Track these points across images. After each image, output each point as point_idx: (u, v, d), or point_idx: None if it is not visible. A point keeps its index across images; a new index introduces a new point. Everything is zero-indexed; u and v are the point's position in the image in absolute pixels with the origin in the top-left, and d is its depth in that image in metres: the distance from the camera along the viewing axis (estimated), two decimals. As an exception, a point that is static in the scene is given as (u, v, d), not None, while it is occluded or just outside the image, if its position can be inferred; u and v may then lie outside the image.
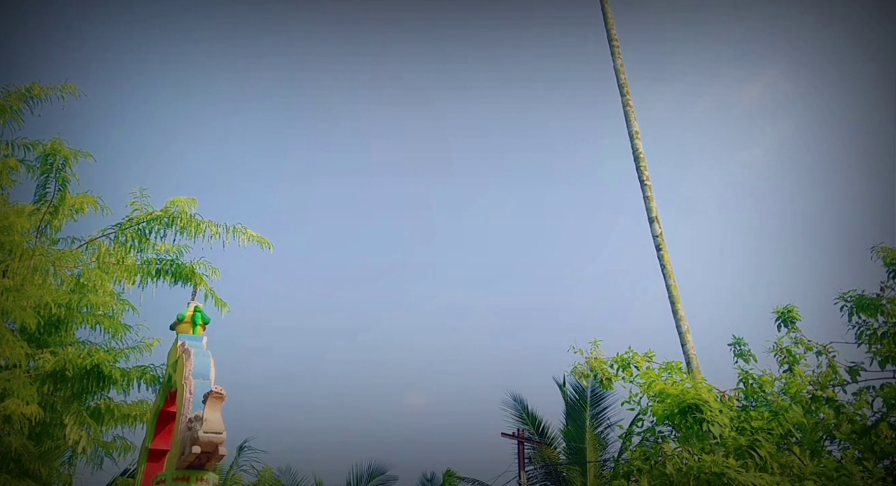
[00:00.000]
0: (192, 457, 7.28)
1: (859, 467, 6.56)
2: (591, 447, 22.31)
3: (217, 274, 11.67)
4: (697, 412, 7.17)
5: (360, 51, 64.22)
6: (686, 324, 9.40)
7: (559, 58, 63.22)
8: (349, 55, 64.29)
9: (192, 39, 65.41)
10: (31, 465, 9.67)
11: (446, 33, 69.13)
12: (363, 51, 66.22)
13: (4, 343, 9.04)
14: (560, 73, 65.27)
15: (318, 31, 70.42)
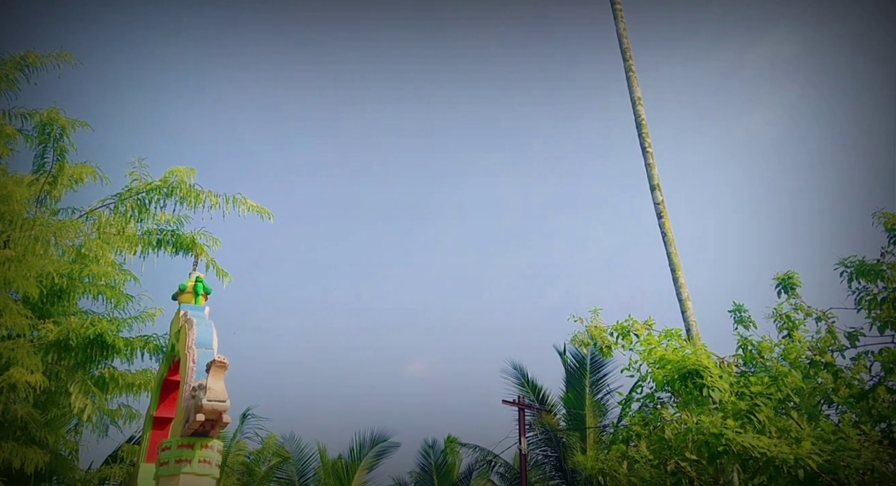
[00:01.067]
0: (196, 425, 7.37)
1: (856, 430, 6.64)
2: (590, 413, 22.58)
3: (218, 244, 11.69)
4: (697, 377, 7.23)
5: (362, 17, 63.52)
6: (686, 291, 9.42)
7: (561, 24, 62.46)
8: (352, 24, 63.57)
9: (193, 8, 64.54)
10: (38, 433, 9.78)
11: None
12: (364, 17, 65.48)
13: (7, 313, 9.07)
14: (563, 38, 64.52)
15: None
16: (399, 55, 70.53)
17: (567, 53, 63.48)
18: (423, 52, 70.67)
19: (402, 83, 70.15)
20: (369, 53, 66.52)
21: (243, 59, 62.80)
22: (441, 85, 69.83)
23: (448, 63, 69.15)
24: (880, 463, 6.14)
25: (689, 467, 7.89)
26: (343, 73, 67.59)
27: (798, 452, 6.11)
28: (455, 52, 67.38)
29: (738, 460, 6.53)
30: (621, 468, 8.07)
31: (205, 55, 62.22)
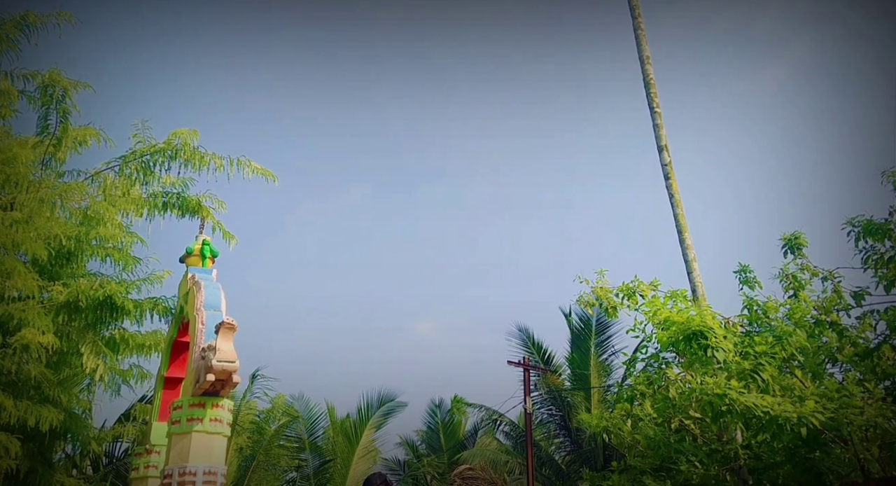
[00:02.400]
0: (206, 384, 7.49)
1: (860, 388, 6.68)
2: (595, 373, 22.81)
3: (224, 207, 11.70)
4: (702, 338, 7.25)
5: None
6: (693, 253, 9.37)
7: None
8: None
9: (190, -33, 63.36)
10: (51, 392, 9.95)
11: (450, -43, 66.67)
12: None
13: (17, 275, 9.15)
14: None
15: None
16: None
17: (574, 13, 62.31)
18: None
19: (406, 37, 69.12)
20: (377, 20, 65.48)
21: (247, 18, 61.90)
22: (448, 38, 68.79)
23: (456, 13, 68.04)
24: (883, 420, 6.19)
25: (692, 425, 7.98)
26: (348, 33, 66.56)
27: (801, 410, 6.16)
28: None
29: (742, 419, 6.60)
30: (625, 426, 8.16)
31: (207, 16, 61.34)
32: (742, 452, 7.36)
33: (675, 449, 7.52)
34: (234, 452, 19.65)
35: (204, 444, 7.54)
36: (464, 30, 71.04)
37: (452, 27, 70.31)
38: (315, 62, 72.40)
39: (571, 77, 72.05)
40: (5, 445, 8.86)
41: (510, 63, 70.91)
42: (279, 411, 22.62)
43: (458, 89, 72.50)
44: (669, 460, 7.43)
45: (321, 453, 24.26)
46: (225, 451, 7.90)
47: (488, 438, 26.35)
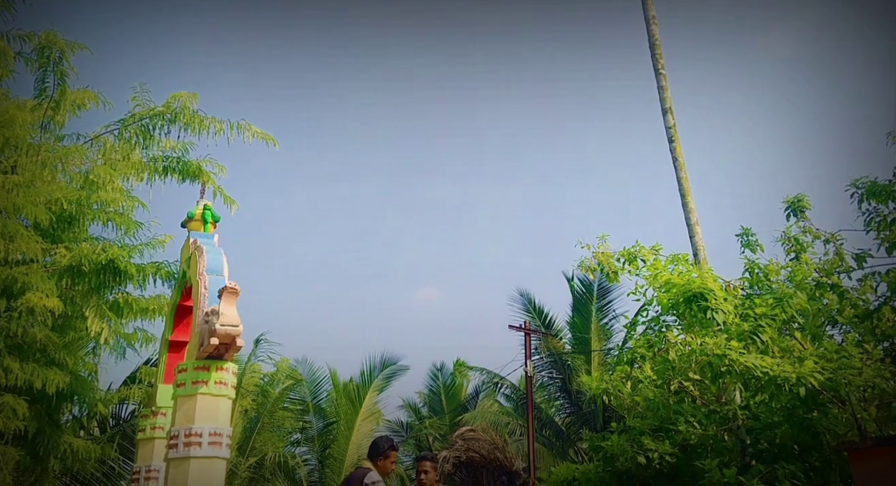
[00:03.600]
0: (210, 348, 7.57)
1: (859, 349, 6.72)
2: (595, 337, 23.00)
3: (224, 172, 11.66)
4: (702, 300, 7.27)
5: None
6: (695, 216, 9.32)
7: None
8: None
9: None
10: (57, 354, 10.05)
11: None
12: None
13: (19, 238, 9.16)
14: (572, -42, 61.89)
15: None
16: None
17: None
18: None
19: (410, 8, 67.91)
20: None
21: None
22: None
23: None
24: (881, 380, 6.25)
25: (692, 387, 8.06)
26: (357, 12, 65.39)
27: (800, 371, 6.21)
28: None
29: (741, 379, 6.66)
30: (625, 388, 8.24)
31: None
32: (740, 412, 7.44)
33: (674, 410, 7.61)
34: (239, 414, 19.95)
35: (209, 406, 7.65)
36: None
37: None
38: (316, 26, 71.37)
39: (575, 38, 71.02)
40: (13, 406, 8.99)
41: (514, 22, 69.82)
42: (283, 374, 22.89)
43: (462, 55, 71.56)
44: (668, 421, 7.52)
45: (325, 415, 24.62)
46: (230, 413, 8.01)
47: (489, 400, 26.71)
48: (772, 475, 6.44)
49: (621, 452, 7.19)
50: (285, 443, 22.66)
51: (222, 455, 7.57)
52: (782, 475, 6.34)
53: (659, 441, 7.12)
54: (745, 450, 7.32)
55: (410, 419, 27.97)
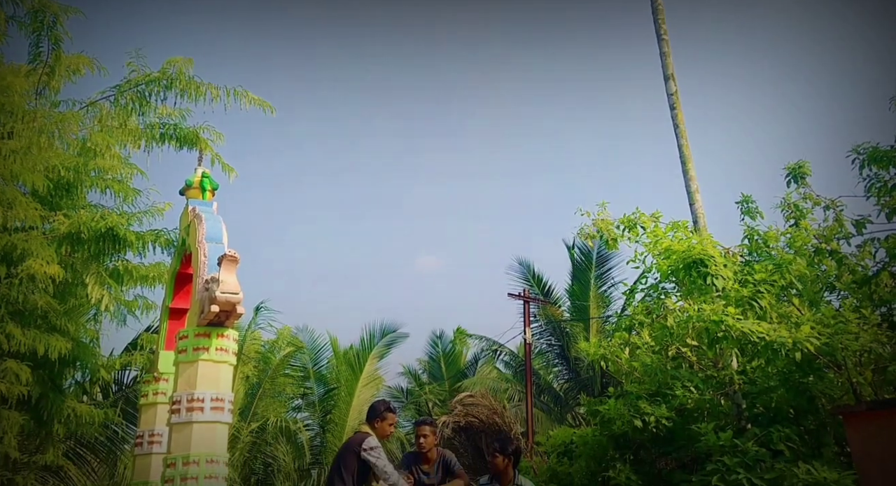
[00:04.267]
0: (211, 315, 7.60)
1: (856, 314, 6.76)
2: (594, 304, 23.14)
3: (221, 139, 11.60)
4: (702, 266, 7.28)
5: None
6: (696, 184, 9.27)
7: None
8: None
9: None
10: (58, 321, 10.10)
11: None
12: None
13: (18, 205, 9.14)
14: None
15: None
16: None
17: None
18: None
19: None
20: None
21: (238, -57, 59.66)
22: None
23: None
24: (877, 345, 6.31)
25: (689, 352, 8.13)
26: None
27: (796, 336, 6.26)
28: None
29: (737, 344, 6.71)
30: (623, 354, 8.30)
31: (197, -60, 59.08)
32: (737, 377, 7.52)
33: (671, 375, 7.68)
34: (241, 380, 20.16)
35: (211, 372, 7.72)
36: (465, -45, 68.47)
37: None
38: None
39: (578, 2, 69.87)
40: (16, 372, 9.07)
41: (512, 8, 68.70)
42: (284, 341, 23.06)
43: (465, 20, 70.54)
44: (665, 386, 7.60)
45: (326, 381, 24.89)
46: (231, 379, 8.09)
47: (488, 367, 26.99)
48: (767, 438, 6.53)
49: (618, 416, 7.28)
50: (287, 409, 22.95)
51: (224, 420, 7.66)
52: (777, 439, 6.43)
53: (656, 406, 7.20)
54: (740, 414, 7.41)
55: (410, 386, 28.29)
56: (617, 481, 6.85)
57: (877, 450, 5.21)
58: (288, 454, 20.57)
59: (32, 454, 11.34)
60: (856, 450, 5.41)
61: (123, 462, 14.90)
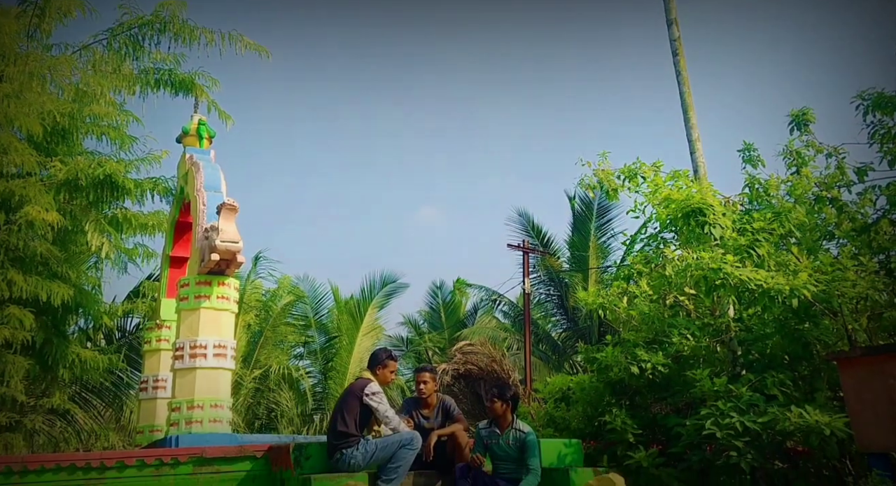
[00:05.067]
0: (211, 264, 7.64)
1: (854, 261, 6.77)
2: (593, 255, 23.23)
3: (217, 85, 11.47)
4: (700, 215, 7.26)
5: None
6: (697, 132, 9.15)
7: None
8: None
9: None
10: (59, 268, 10.16)
11: None
12: None
13: (13, 150, 9.09)
14: None
15: None
16: None
17: None
18: None
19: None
20: None
21: None
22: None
23: None
24: (874, 292, 6.33)
25: (687, 301, 8.18)
26: None
27: (793, 283, 6.28)
28: None
29: (734, 292, 6.74)
30: (621, 302, 8.34)
31: None
32: (733, 325, 7.58)
33: (669, 324, 7.75)
34: (243, 328, 20.39)
35: (212, 319, 7.81)
36: None
37: None
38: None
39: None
40: (19, 317, 9.17)
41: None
42: (284, 290, 23.25)
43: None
44: (662, 333, 7.67)
45: (327, 330, 25.19)
46: (233, 326, 8.19)
47: (487, 317, 27.28)
48: (761, 383, 6.62)
49: (615, 363, 7.36)
50: (289, 356, 23.32)
51: (227, 366, 7.80)
52: (771, 384, 6.52)
53: (652, 353, 7.28)
54: (735, 361, 7.50)
55: (410, 335, 28.65)
56: (613, 425, 6.98)
57: (869, 395, 5.29)
58: (291, 400, 20.99)
59: (39, 398, 11.58)
60: (849, 395, 5.50)
61: (129, 406, 15.22)
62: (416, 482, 5.92)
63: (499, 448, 6.01)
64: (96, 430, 14.18)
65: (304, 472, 5.40)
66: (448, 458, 6.00)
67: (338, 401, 5.82)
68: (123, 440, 14.83)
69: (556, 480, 6.18)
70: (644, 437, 7.08)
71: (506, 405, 6.07)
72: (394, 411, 5.77)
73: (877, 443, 5.22)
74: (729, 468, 6.29)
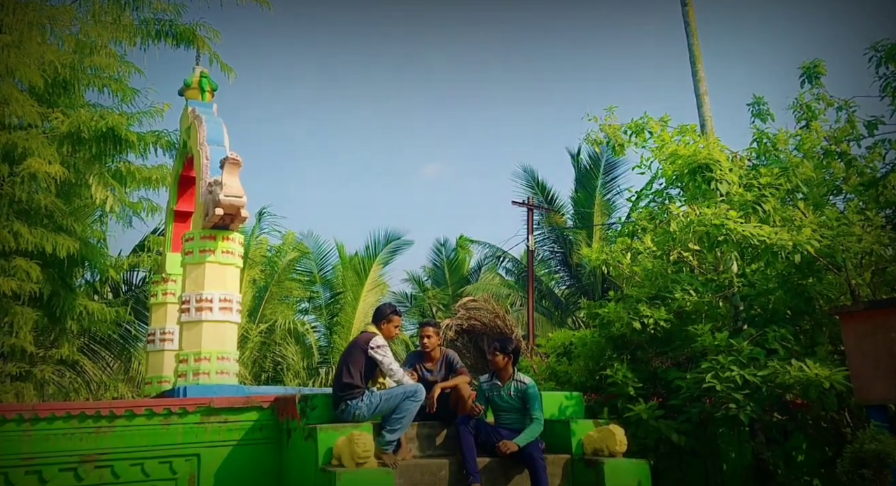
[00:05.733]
0: (216, 218, 7.63)
1: (860, 216, 6.71)
2: (598, 212, 23.18)
3: (219, 37, 11.31)
4: (707, 171, 7.19)
5: None
6: (704, 86, 8.97)
7: None
8: None
9: None
10: (64, 221, 10.18)
11: None
12: None
13: (15, 101, 9.01)
14: None
15: None
16: None
17: None
18: None
19: None
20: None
21: None
22: None
23: None
24: (879, 247, 6.29)
25: (691, 256, 8.17)
26: None
27: (797, 238, 6.25)
28: None
29: (737, 248, 6.72)
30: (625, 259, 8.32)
31: None
32: (736, 280, 7.56)
33: (672, 280, 7.73)
34: (248, 283, 20.54)
35: (218, 273, 7.85)
36: None
37: None
38: None
39: None
40: (25, 269, 9.24)
41: None
42: (289, 246, 23.34)
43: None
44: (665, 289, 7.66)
45: (332, 286, 25.38)
46: (238, 281, 8.24)
47: (491, 274, 27.41)
48: (762, 338, 6.64)
49: (617, 318, 7.38)
50: (294, 311, 23.53)
51: (233, 320, 7.87)
52: (772, 338, 6.54)
53: (655, 308, 7.29)
54: (737, 316, 7.51)
55: (414, 291, 28.85)
56: (614, 379, 7.04)
57: (870, 349, 5.31)
58: (296, 354, 21.27)
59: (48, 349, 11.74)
60: (850, 348, 5.52)
61: (137, 358, 15.45)
62: (419, 432, 6.04)
63: (500, 400, 6.10)
64: (105, 381, 14.43)
65: (310, 422, 5.49)
66: (451, 410, 6.10)
67: (343, 354, 5.89)
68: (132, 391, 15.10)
69: (557, 431, 6.29)
70: (644, 390, 7.16)
71: (507, 358, 6.14)
72: (398, 364, 5.84)
73: (876, 395, 5.28)
74: (728, 419, 6.36)
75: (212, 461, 5.74)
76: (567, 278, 24.60)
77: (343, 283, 24.75)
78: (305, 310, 25.27)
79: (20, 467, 5.14)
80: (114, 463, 5.44)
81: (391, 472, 4.98)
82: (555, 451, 6.12)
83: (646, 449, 6.68)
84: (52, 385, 12.90)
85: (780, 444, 7.11)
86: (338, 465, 5.04)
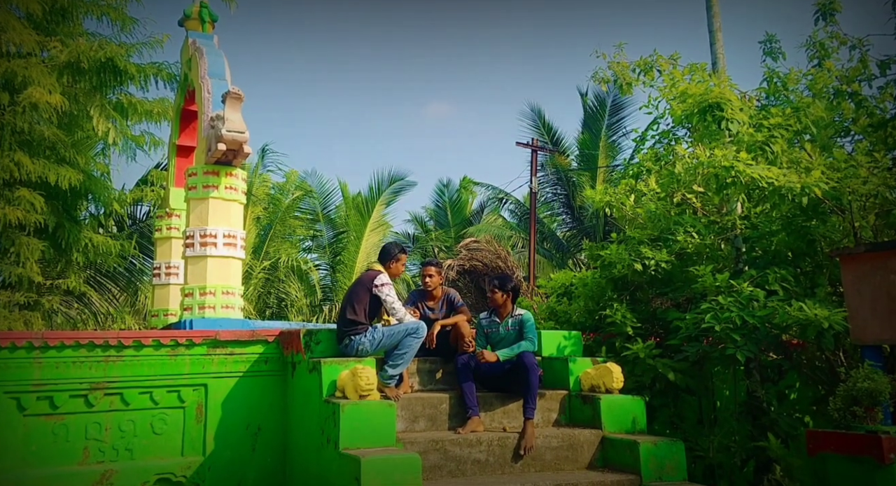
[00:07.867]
0: (218, 154, 7.58)
1: (868, 158, 6.63)
2: (603, 154, 23.00)
3: (218, -35, 10.93)
4: (717, 110, 7.05)
5: None
6: (719, 22, 8.70)
7: None
8: None
9: None
10: (67, 153, 10.13)
11: None
12: None
13: (12, 29, 8.84)
14: None
15: None
16: None
17: None
18: None
19: None
20: None
21: None
22: None
23: None
24: (885, 189, 6.24)
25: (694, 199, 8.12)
26: None
27: (805, 180, 6.18)
28: None
29: (745, 190, 6.67)
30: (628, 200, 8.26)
31: None
32: (740, 222, 7.54)
33: (674, 221, 7.69)
34: (252, 221, 20.60)
35: (221, 209, 7.85)
36: None
37: None
38: None
39: None
40: (30, 200, 9.25)
41: None
42: (293, 185, 23.30)
43: None
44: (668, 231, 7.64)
45: (335, 225, 25.45)
46: (242, 217, 8.24)
47: (494, 215, 27.44)
48: (763, 279, 6.67)
49: (619, 260, 7.39)
50: (297, 249, 23.68)
51: (237, 256, 7.91)
52: (773, 279, 6.55)
53: (657, 250, 7.28)
54: (739, 257, 7.51)
55: (417, 232, 28.95)
56: (612, 319, 7.10)
57: (869, 289, 5.34)
58: (300, 291, 21.51)
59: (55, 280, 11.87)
60: (848, 289, 5.55)
61: (143, 292, 15.65)
62: (420, 368, 6.18)
63: (498, 336, 6.19)
64: (112, 313, 14.66)
65: (315, 356, 5.59)
66: (451, 347, 6.21)
67: (348, 291, 5.94)
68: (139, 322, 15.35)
69: (555, 368, 6.40)
70: (643, 330, 7.23)
71: (506, 295, 6.20)
72: (401, 302, 5.91)
73: (871, 335, 5.34)
74: (724, 358, 6.45)
75: (219, 391, 5.87)
76: (569, 220, 24.61)
77: (346, 222, 24.81)
78: (309, 248, 25.43)
79: (31, 392, 5.27)
80: (123, 391, 5.56)
81: (393, 404, 5.10)
82: (553, 387, 6.25)
83: (642, 387, 6.81)
84: (61, 315, 13.11)
85: (775, 382, 7.23)
86: (341, 397, 5.16)
